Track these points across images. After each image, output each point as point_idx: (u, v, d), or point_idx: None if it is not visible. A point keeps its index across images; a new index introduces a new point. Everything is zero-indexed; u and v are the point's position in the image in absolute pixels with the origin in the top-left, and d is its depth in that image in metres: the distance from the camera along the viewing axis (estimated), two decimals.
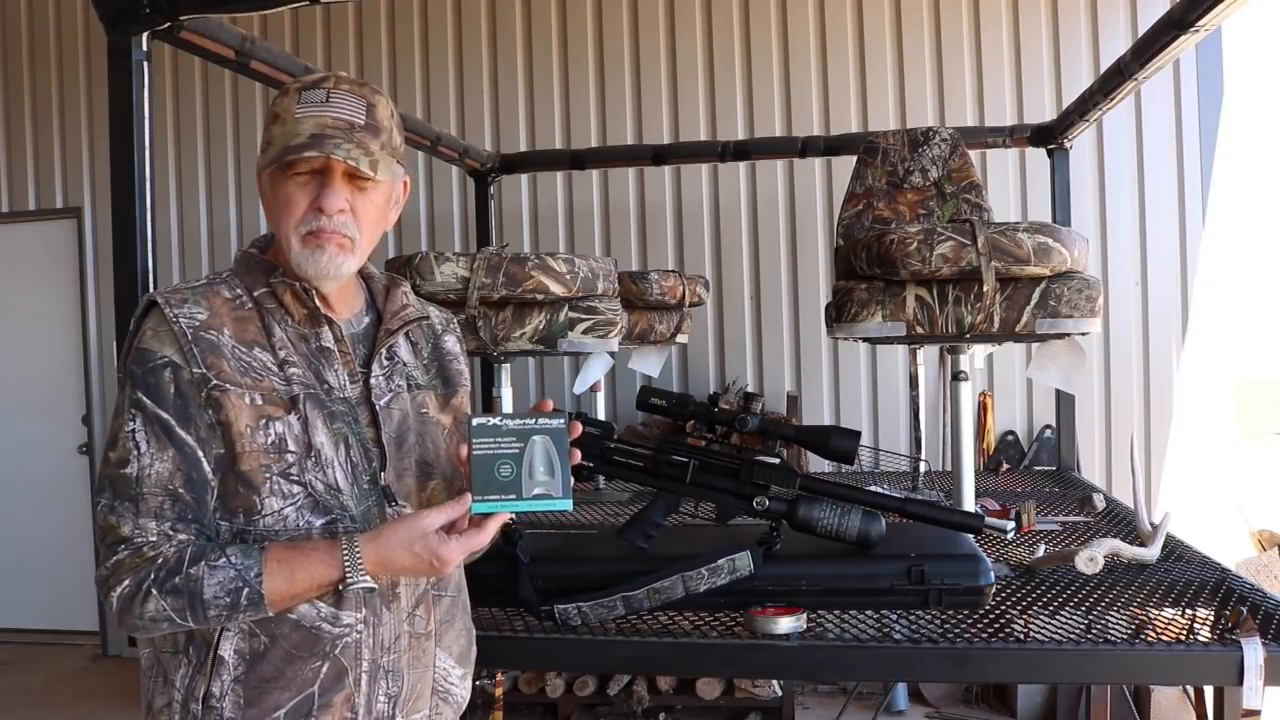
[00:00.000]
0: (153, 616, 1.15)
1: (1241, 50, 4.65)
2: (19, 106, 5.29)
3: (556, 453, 1.21)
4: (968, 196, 2.81)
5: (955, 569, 1.68)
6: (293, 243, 1.24)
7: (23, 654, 5.20)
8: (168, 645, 1.22)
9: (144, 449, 1.18)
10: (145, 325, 1.22)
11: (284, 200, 1.24)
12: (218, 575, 1.15)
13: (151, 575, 1.15)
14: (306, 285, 1.25)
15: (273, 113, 1.26)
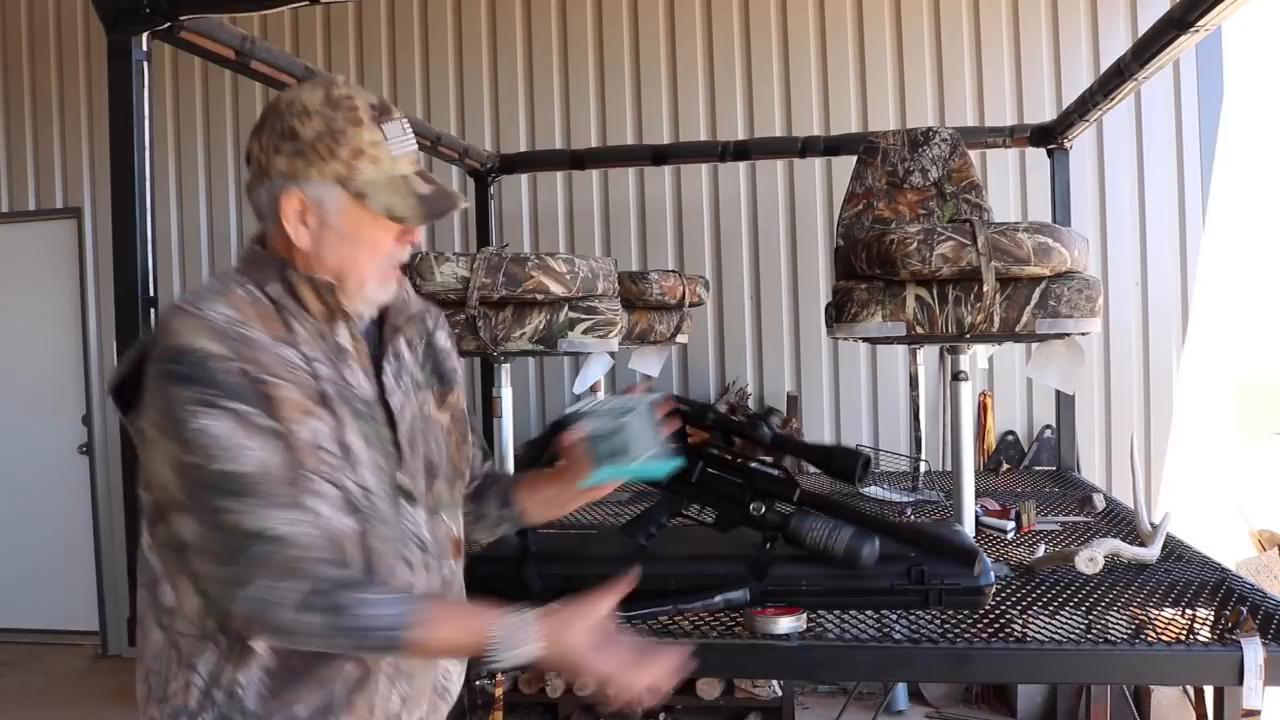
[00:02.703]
0: (296, 627, 1.10)
1: (1241, 50, 4.65)
2: (19, 106, 5.29)
3: (654, 424, 1.35)
4: (968, 196, 2.82)
5: (955, 569, 1.67)
6: (370, 276, 1.23)
7: (23, 654, 5.20)
8: (192, 630, 1.18)
9: (221, 433, 1.10)
10: (174, 326, 1.13)
11: (368, 240, 1.22)
12: (381, 610, 1.12)
13: (306, 589, 1.10)
14: (329, 281, 1.21)
15: (352, 147, 1.19)
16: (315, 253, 1.21)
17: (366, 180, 1.19)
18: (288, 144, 1.19)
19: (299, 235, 1.20)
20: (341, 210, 1.20)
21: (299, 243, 1.20)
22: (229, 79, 5.02)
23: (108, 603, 5.22)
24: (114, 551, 5.08)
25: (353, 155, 1.19)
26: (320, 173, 1.18)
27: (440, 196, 1.24)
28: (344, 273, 1.22)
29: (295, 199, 1.19)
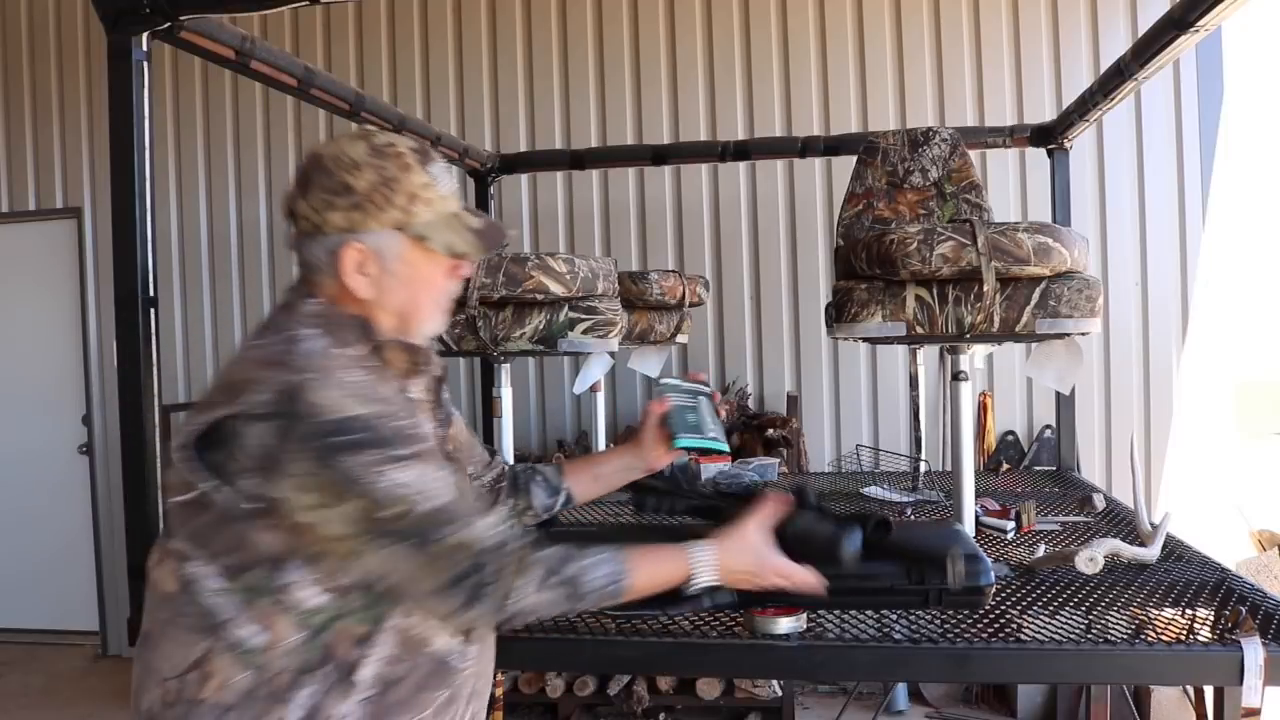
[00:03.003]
0: (535, 608, 1.23)
1: (1241, 50, 4.65)
2: (19, 106, 5.30)
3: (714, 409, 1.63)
4: (968, 196, 2.81)
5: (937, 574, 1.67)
6: (430, 314, 1.32)
7: (23, 654, 5.20)
8: (291, 665, 1.20)
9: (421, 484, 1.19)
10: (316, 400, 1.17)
11: (426, 280, 1.30)
12: (596, 572, 1.27)
13: (531, 575, 1.22)
14: (415, 344, 1.31)
15: (406, 192, 1.25)
16: (377, 299, 1.27)
17: (424, 222, 1.26)
18: (342, 198, 1.24)
19: (360, 285, 1.26)
20: (401, 255, 1.27)
21: (360, 292, 1.26)
22: (229, 79, 5.03)
23: (108, 603, 5.22)
24: (114, 552, 5.08)
25: (408, 200, 1.25)
26: (379, 221, 1.25)
27: (491, 228, 1.33)
28: (406, 314, 1.30)
29: (355, 250, 1.25)
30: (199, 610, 1.21)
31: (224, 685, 1.19)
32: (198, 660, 1.20)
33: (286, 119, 5.05)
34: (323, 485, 1.16)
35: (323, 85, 2.68)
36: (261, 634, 1.20)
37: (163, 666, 1.22)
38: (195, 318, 5.15)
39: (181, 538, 1.23)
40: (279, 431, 1.15)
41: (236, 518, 1.19)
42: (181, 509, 1.23)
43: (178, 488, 1.23)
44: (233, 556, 1.20)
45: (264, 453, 1.16)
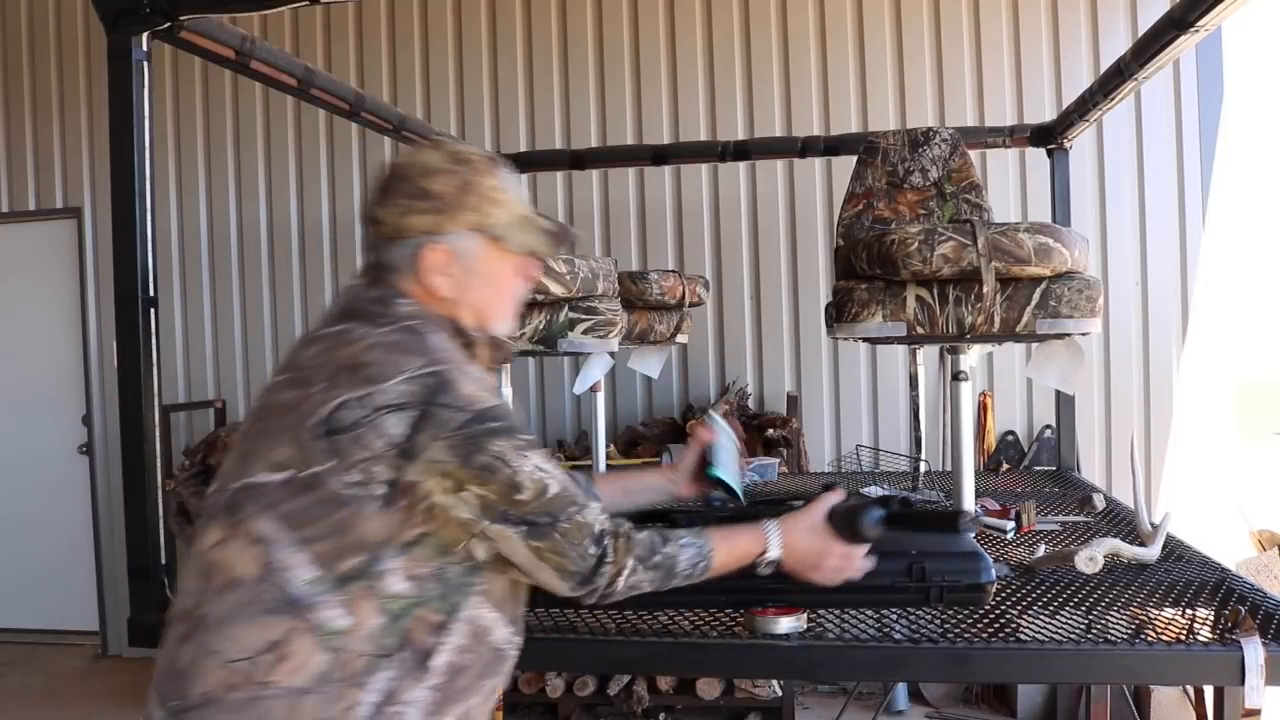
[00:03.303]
0: (635, 586, 1.32)
1: (1241, 50, 4.65)
2: (19, 106, 5.30)
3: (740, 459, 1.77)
4: (968, 197, 2.81)
5: (956, 566, 1.67)
6: (506, 312, 1.41)
7: (23, 654, 5.20)
8: (370, 649, 1.21)
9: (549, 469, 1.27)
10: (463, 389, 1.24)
11: (502, 279, 1.38)
12: (685, 553, 1.37)
13: (635, 556, 1.31)
14: (502, 340, 1.39)
15: (482, 195, 1.33)
16: (458, 298, 1.34)
17: (500, 224, 1.34)
18: (422, 203, 1.32)
19: (442, 285, 1.33)
20: (480, 255, 1.34)
21: (441, 291, 1.33)
22: (229, 79, 5.03)
23: (108, 603, 5.22)
24: (114, 552, 5.08)
25: (485, 203, 1.33)
26: (458, 223, 1.32)
27: (562, 230, 1.42)
28: (484, 311, 1.37)
29: (437, 252, 1.32)
30: (283, 595, 1.20)
31: (299, 668, 1.19)
32: (275, 642, 1.19)
33: (286, 119, 5.05)
34: (465, 470, 1.21)
35: (323, 85, 2.68)
36: (345, 617, 1.20)
37: (227, 648, 1.19)
38: (195, 318, 5.15)
39: (267, 519, 1.22)
40: (424, 419, 1.20)
41: (346, 502, 1.20)
42: (275, 489, 1.22)
43: (273, 466, 1.23)
44: (329, 542, 1.20)
45: (404, 439, 1.20)
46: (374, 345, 1.26)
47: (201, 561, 1.26)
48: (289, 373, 1.30)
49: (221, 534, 1.25)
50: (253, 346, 5.11)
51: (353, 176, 5.01)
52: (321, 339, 1.30)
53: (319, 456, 1.20)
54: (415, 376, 1.22)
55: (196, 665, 1.21)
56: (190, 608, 1.24)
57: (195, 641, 1.22)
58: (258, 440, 1.27)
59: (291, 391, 1.26)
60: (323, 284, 5.03)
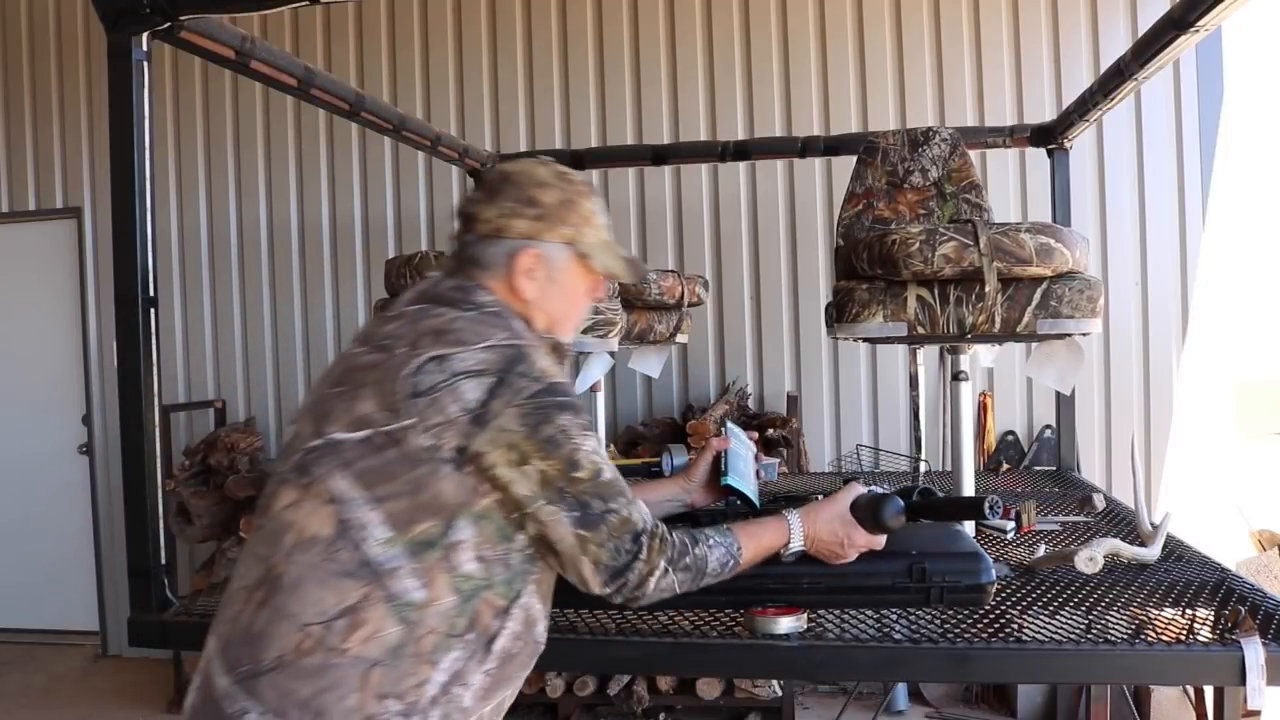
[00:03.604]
0: (665, 589, 1.34)
1: (1241, 50, 4.65)
2: (19, 106, 5.30)
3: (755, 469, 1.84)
4: (968, 196, 2.81)
5: (957, 566, 1.67)
6: (575, 324, 1.50)
7: (23, 654, 5.20)
8: (442, 627, 1.23)
9: (603, 457, 1.32)
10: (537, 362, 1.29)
11: (579, 291, 1.47)
12: (715, 552, 1.40)
13: (666, 558, 1.33)
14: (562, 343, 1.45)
15: (581, 214, 1.43)
16: (538, 302, 1.42)
17: (590, 243, 1.44)
18: (529, 209, 1.40)
19: (527, 287, 1.40)
20: (566, 267, 1.43)
21: (525, 292, 1.40)
22: (229, 79, 5.03)
23: (108, 603, 5.22)
24: (114, 552, 5.08)
25: (581, 221, 1.43)
26: (555, 234, 1.41)
27: (635, 261, 1.55)
28: (556, 319, 1.45)
29: (531, 256, 1.40)
30: (358, 557, 1.21)
31: (371, 637, 1.19)
32: (351, 607, 1.20)
33: (286, 119, 5.05)
34: (531, 442, 1.25)
35: (323, 85, 2.68)
36: (420, 590, 1.21)
37: (304, 611, 1.20)
38: (195, 318, 5.15)
39: (341, 476, 1.23)
40: (500, 385, 1.25)
41: (422, 461, 1.22)
42: (352, 447, 1.24)
43: (351, 424, 1.25)
44: (403, 502, 1.22)
45: (479, 404, 1.24)
46: (458, 319, 1.32)
47: (273, 524, 1.27)
48: (367, 344, 1.34)
49: (294, 495, 1.27)
50: (253, 346, 5.11)
51: (352, 176, 5.01)
52: (401, 316, 1.35)
53: (400, 413, 1.23)
54: (497, 346, 1.28)
55: (271, 628, 1.21)
56: (263, 573, 1.24)
57: (271, 605, 1.22)
58: (335, 401, 1.29)
59: (374, 355, 1.30)
60: (322, 284, 5.03)
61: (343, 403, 1.28)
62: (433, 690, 1.22)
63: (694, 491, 1.76)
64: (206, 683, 1.24)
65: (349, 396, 1.28)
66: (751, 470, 1.80)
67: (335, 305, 5.03)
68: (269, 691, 1.18)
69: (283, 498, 1.28)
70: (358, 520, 1.22)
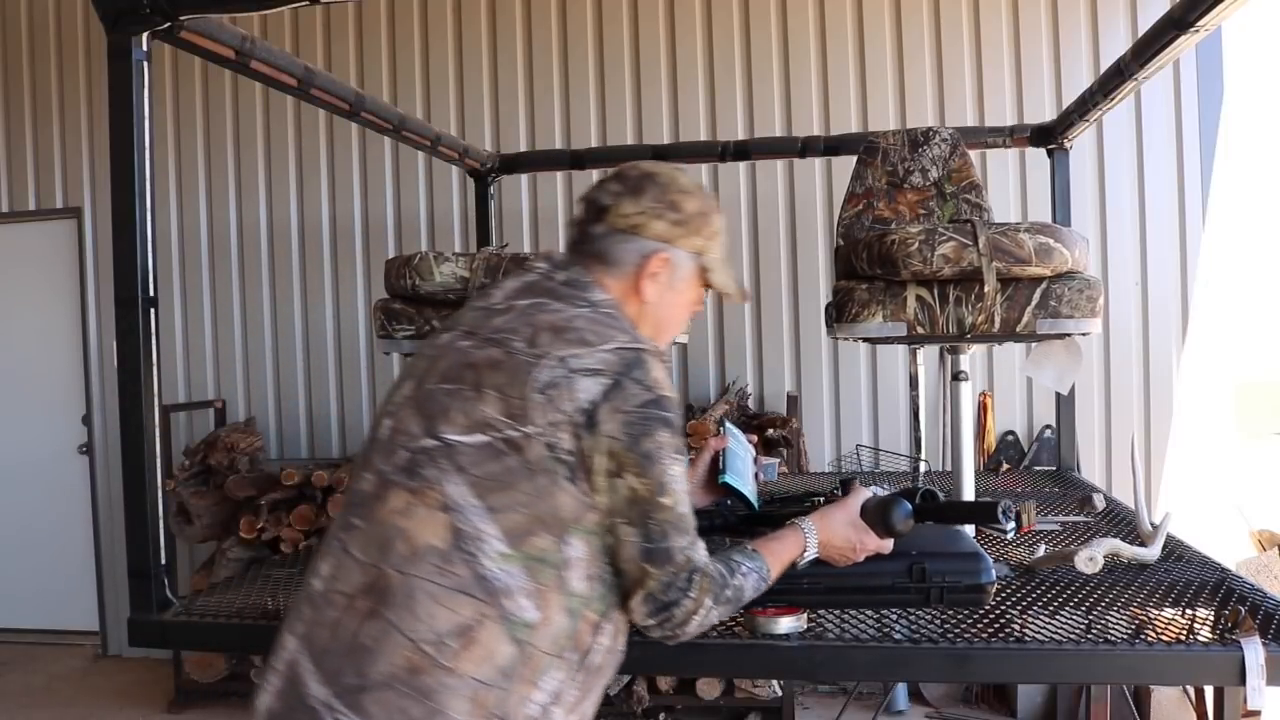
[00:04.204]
0: (704, 625, 1.30)
1: (1241, 50, 4.65)
2: (19, 106, 5.30)
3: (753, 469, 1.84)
4: (968, 196, 2.81)
5: (957, 566, 1.67)
6: (675, 333, 1.48)
7: (23, 654, 5.20)
8: (550, 648, 1.20)
9: (684, 486, 1.27)
10: (656, 373, 1.26)
11: (688, 302, 1.46)
12: (749, 580, 1.36)
13: (713, 595, 1.29)
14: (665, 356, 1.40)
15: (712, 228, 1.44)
16: (653, 307, 1.41)
17: (713, 258, 1.45)
18: (670, 213, 1.39)
19: (650, 290, 1.39)
20: (688, 277, 1.43)
21: (646, 294, 1.39)
22: (229, 79, 5.03)
23: (108, 603, 5.22)
24: (114, 552, 5.08)
25: (712, 235, 1.44)
26: (688, 243, 1.41)
27: (741, 285, 1.57)
28: (662, 325, 1.44)
29: (661, 260, 1.39)
30: (474, 571, 1.17)
31: (485, 658, 1.16)
32: (465, 626, 1.16)
33: (286, 119, 5.05)
34: (630, 454, 1.21)
35: (323, 85, 2.68)
36: (534, 611, 1.18)
37: (417, 627, 1.15)
38: (195, 318, 5.15)
39: (458, 483, 1.19)
40: (614, 389, 1.22)
41: (542, 470, 1.19)
42: (469, 451, 1.19)
43: (469, 425, 1.20)
44: (521, 514, 1.18)
45: (591, 404, 1.20)
46: (577, 316, 1.28)
47: (379, 529, 1.21)
48: (473, 337, 1.29)
49: (404, 500, 1.21)
50: (253, 346, 5.11)
51: (352, 176, 5.01)
52: (510, 309, 1.31)
53: (523, 419, 1.19)
54: (620, 349, 1.24)
55: (381, 642, 1.16)
56: (370, 581, 1.19)
57: (380, 617, 1.17)
58: (448, 399, 1.23)
59: (489, 350, 1.25)
60: (322, 284, 5.03)
61: (458, 402, 1.22)
62: (533, 710, 1.19)
63: (693, 491, 1.74)
64: (292, 687, 1.19)
65: (465, 396, 1.22)
66: (750, 470, 1.80)
67: (335, 305, 5.03)
68: (376, 708, 1.14)
69: (391, 500, 1.22)
70: (473, 531, 1.17)
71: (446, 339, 1.33)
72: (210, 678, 4.46)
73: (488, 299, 1.38)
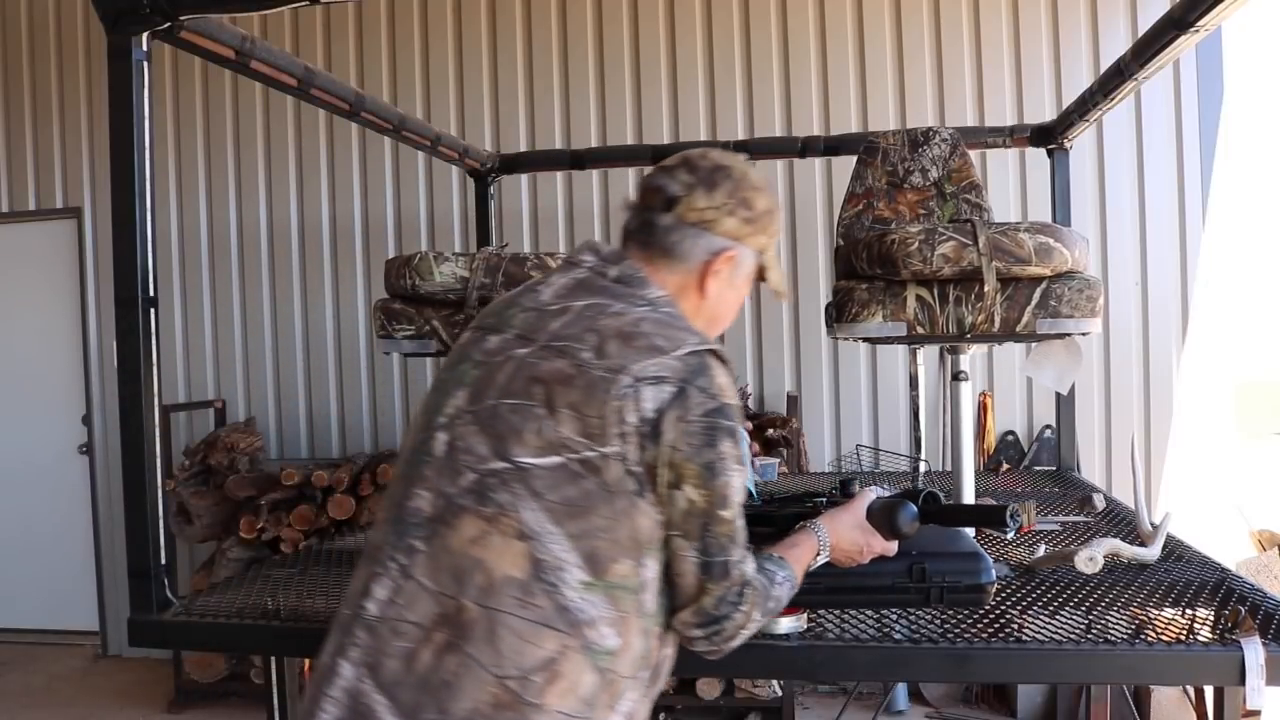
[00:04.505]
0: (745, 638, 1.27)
1: (1241, 50, 4.65)
2: (19, 106, 5.30)
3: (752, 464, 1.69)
4: (968, 196, 2.81)
5: (957, 566, 1.67)
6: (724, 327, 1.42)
7: (23, 654, 5.20)
8: (628, 672, 1.18)
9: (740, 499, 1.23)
10: (722, 379, 1.22)
11: (741, 299, 1.41)
12: (784, 590, 1.34)
13: (762, 608, 1.28)
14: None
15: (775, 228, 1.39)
16: (712, 304, 1.36)
17: (770, 257, 1.41)
18: (743, 210, 1.35)
19: (713, 287, 1.35)
20: (747, 275, 1.39)
21: (709, 291, 1.34)
22: (229, 79, 5.03)
23: (108, 603, 5.22)
24: (114, 552, 5.08)
25: (774, 234, 1.40)
26: (754, 241, 1.37)
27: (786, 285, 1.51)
28: (716, 321, 1.39)
29: (728, 257, 1.34)
30: (555, 603, 1.12)
31: (569, 690, 1.13)
32: (549, 659, 1.12)
33: (286, 119, 5.05)
34: (691, 465, 1.17)
35: (323, 85, 2.68)
36: (615, 638, 1.15)
37: (500, 663, 1.11)
38: (195, 318, 5.15)
39: (535, 509, 1.13)
40: (678, 397, 1.17)
41: (621, 492, 1.14)
42: (544, 474, 1.14)
43: (543, 447, 1.15)
44: (601, 539, 1.13)
45: (655, 414, 1.15)
46: (642, 319, 1.22)
47: (452, 559, 1.15)
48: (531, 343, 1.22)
49: (478, 528, 1.15)
50: (253, 346, 5.11)
51: (352, 176, 5.01)
52: (565, 311, 1.24)
53: (600, 439, 1.14)
54: (687, 354, 1.19)
55: (462, 678, 1.11)
56: (445, 613, 1.14)
57: (460, 651, 1.12)
58: (516, 418, 1.17)
59: (556, 362, 1.18)
60: (322, 284, 5.03)
61: (529, 422, 1.15)
62: None
63: None
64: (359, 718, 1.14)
65: (535, 415, 1.15)
66: (749, 464, 1.83)
67: (335, 305, 5.03)
68: None
69: (462, 527, 1.16)
70: (553, 560, 1.12)
71: (497, 343, 1.26)
72: (210, 678, 4.46)
73: (536, 297, 1.30)
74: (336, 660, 1.18)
